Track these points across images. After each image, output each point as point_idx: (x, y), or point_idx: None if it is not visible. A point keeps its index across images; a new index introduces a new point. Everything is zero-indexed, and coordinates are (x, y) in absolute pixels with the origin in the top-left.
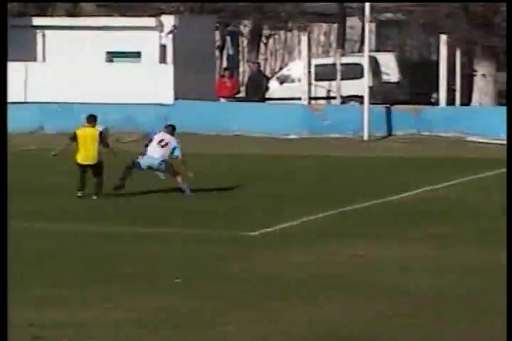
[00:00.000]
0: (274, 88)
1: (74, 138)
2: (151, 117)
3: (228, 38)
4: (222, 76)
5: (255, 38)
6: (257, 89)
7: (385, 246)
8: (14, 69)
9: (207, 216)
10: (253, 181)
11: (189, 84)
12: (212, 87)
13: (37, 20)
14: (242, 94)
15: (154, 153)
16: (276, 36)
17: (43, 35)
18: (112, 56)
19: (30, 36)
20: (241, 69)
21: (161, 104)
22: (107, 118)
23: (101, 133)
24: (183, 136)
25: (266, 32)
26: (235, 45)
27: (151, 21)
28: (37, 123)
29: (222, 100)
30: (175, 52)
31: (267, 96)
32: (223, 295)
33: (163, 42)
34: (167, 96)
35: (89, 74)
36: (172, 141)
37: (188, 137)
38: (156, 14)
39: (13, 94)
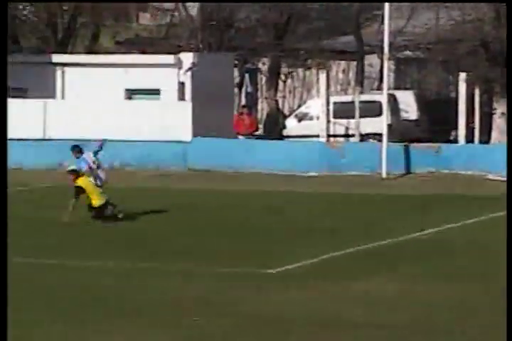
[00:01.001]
0: (292, 125)
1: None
2: (169, 154)
3: (247, 75)
4: (241, 113)
5: (274, 76)
6: (275, 127)
7: (402, 285)
8: (33, 107)
9: (224, 253)
10: (270, 218)
11: (207, 121)
12: (231, 124)
13: (56, 58)
14: (260, 132)
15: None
16: (295, 74)
17: (62, 72)
18: (130, 93)
19: (49, 73)
20: (259, 107)
21: (179, 141)
22: (125, 155)
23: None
24: (201, 173)
25: (284, 69)
26: (254, 82)
27: (169, 59)
28: (56, 160)
29: (241, 137)
30: (193, 90)
31: (284, 133)
32: (237, 331)
33: (182, 79)
34: (185, 133)
35: (108, 112)
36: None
37: (205, 174)
38: (175, 52)
39: (32, 131)
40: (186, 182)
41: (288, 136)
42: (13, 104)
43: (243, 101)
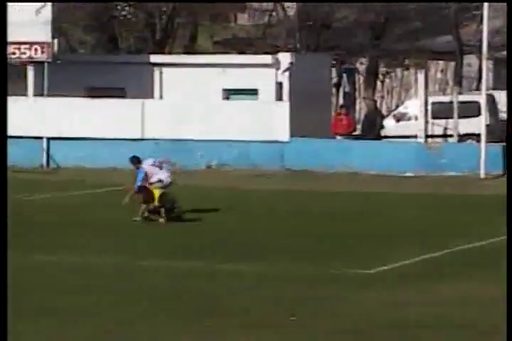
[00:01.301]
0: (391, 126)
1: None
2: (266, 154)
3: (345, 75)
4: (339, 113)
5: (372, 76)
6: (373, 127)
7: (501, 287)
8: (131, 106)
9: (319, 254)
10: (368, 218)
11: (305, 121)
12: (328, 124)
13: (154, 58)
14: (358, 132)
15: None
16: (393, 74)
17: (160, 73)
18: (228, 93)
19: (147, 73)
20: (357, 107)
21: (277, 141)
22: (223, 155)
23: None
24: (298, 174)
25: (382, 69)
26: (352, 82)
27: (267, 59)
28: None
29: (339, 137)
30: (291, 90)
31: (382, 133)
32: (326, 333)
33: (280, 79)
34: (283, 133)
35: (206, 112)
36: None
37: (303, 174)
38: (273, 52)
39: (130, 130)
40: (283, 183)
41: (386, 137)
42: (112, 104)
43: (341, 102)
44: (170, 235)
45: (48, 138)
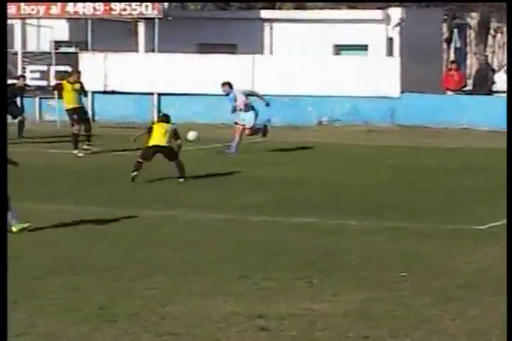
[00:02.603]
0: (502, 81)
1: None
2: (377, 110)
3: (456, 31)
4: (450, 69)
5: (483, 31)
6: (484, 82)
7: None
8: (242, 62)
9: (430, 209)
10: (478, 174)
11: (415, 77)
12: (439, 79)
13: (265, 13)
14: (469, 87)
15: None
16: (505, 28)
17: (271, 28)
18: (339, 49)
19: (257, 29)
20: (468, 62)
21: (387, 97)
22: (334, 111)
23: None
24: (409, 130)
25: (494, 24)
26: (463, 37)
27: (378, 14)
28: (265, 115)
29: (449, 93)
30: (402, 45)
31: (494, 89)
32: (440, 290)
33: (390, 35)
34: (394, 89)
35: (317, 67)
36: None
37: (414, 130)
38: (384, 7)
39: (240, 86)
40: (394, 139)
41: (497, 92)
42: (222, 60)
43: (452, 57)
44: (279, 190)
45: (159, 94)
